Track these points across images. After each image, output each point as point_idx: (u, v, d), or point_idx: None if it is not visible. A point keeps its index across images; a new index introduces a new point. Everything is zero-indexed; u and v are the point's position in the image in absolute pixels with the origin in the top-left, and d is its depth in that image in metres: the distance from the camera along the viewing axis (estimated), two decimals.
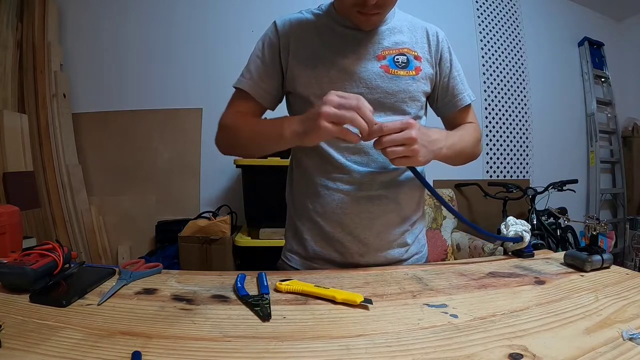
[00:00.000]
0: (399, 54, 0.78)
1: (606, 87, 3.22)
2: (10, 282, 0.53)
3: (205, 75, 2.45)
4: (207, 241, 1.97)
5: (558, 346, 0.40)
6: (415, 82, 0.78)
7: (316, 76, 0.76)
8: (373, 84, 0.76)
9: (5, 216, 0.75)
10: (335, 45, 0.77)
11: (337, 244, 0.78)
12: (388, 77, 0.76)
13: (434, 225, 2.33)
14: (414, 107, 0.79)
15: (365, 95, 0.74)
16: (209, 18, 2.48)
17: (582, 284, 0.60)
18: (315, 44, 0.78)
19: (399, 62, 0.78)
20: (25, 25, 2.13)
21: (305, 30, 0.80)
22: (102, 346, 0.39)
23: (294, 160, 0.87)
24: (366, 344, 0.41)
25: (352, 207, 0.77)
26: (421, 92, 0.80)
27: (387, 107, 0.77)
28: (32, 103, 2.11)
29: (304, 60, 0.77)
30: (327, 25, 0.79)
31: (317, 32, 0.79)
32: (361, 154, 0.77)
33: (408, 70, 0.78)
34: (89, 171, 2.36)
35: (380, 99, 0.76)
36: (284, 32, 0.80)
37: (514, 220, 0.79)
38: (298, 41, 0.79)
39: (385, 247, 0.79)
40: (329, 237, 0.79)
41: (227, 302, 0.53)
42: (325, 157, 0.78)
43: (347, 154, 0.77)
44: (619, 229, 3.16)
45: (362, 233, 0.77)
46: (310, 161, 0.81)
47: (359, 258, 0.78)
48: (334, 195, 0.77)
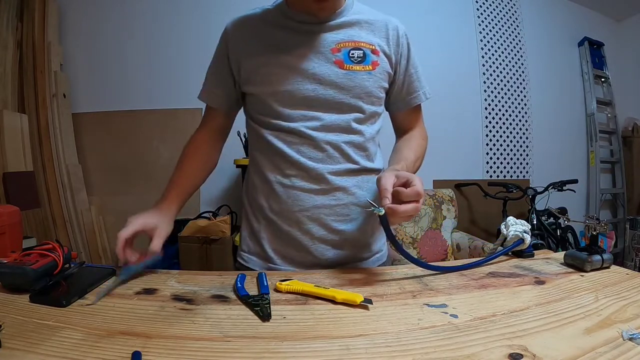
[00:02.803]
0: (354, 47, 0.75)
1: (606, 87, 3.22)
2: (10, 282, 0.53)
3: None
4: (207, 241, 1.97)
5: (558, 346, 0.40)
6: (372, 77, 0.76)
7: (268, 75, 0.75)
8: (327, 80, 0.74)
9: (5, 216, 0.75)
10: (287, 42, 0.76)
11: (294, 242, 0.77)
12: (342, 72, 0.74)
13: (434, 225, 2.33)
14: (370, 104, 0.78)
15: (319, 92, 0.74)
16: (209, 18, 2.47)
17: (582, 284, 0.60)
18: (265, 43, 0.76)
19: (355, 57, 0.75)
20: (25, 25, 2.13)
21: (254, 30, 0.78)
22: (102, 346, 0.39)
23: (250, 158, 0.85)
24: (366, 344, 0.41)
25: (308, 204, 0.75)
26: (378, 88, 0.78)
27: (343, 104, 0.75)
28: (32, 103, 2.11)
29: (255, 60, 0.76)
30: (278, 21, 0.78)
31: (268, 30, 0.78)
32: (315, 150, 0.75)
33: (364, 65, 0.75)
34: (89, 171, 2.36)
35: (334, 95, 0.74)
36: (232, 35, 0.79)
37: (514, 220, 0.79)
38: (246, 42, 0.78)
39: (346, 244, 0.78)
40: (285, 236, 0.77)
41: (227, 302, 0.53)
42: (279, 153, 0.76)
43: (302, 151, 0.75)
44: (619, 229, 3.16)
45: (319, 231, 0.76)
46: (265, 158, 0.79)
47: (318, 256, 0.77)
48: (289, 192, 0.76)
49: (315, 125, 0.74)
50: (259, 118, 0.80)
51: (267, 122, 0.77)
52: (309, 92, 0.74)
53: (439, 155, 2.46)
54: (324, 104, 0.75)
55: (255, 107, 0.80)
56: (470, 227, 2.71)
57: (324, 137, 0.75)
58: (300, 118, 0.75)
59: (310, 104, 0.75)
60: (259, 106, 0.79)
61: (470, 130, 2.80)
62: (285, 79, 0.74)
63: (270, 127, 0.77)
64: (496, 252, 0.76)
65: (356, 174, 0.78)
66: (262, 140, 0.79)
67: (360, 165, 0.78)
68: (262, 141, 0.79)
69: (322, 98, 0.74)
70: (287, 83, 0.74)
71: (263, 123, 0.79)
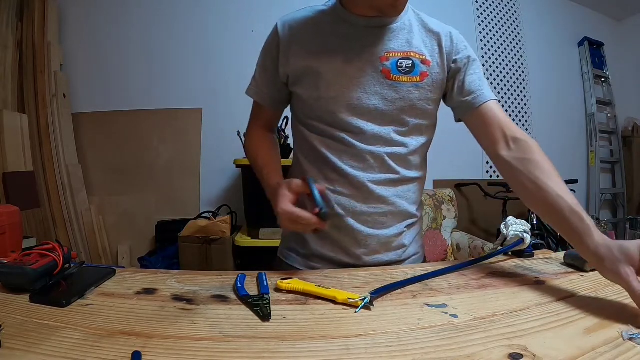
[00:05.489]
0: (404, 57, 0.74)
1: (606, 87, 3.22)
2: (10, 282, 0.53)
3: (205, 75, 2.45)
4: (207, 241, 1.96)
5: (558, 346, 0.40)
6: (419, 89, 0.74)
7: (314, 79, 0.75)
8: (371, 90, 0.73)
9: (5, 216, 0.75)
10: (336, 46, 0.74)
11: (335, 244, 0.78)
12: (388, 83, 0.73)
13: (434, 225, 2.33)
14: (413, 117, 0.76)
15: (362, 101, 0.73)
16: (209, 18, 2.47)
17: (582, 284, 0.60)
18: (316, 45, 0.75)
19: (403, 67, 0.73)
20: (25, 25, 2.13)
21: (305, 32, 0.77)
22: (102, 346, 0.39)
23: (295, 161, 0.87)
24: (366, 344, 0.41)
25: (348, 209, 0.76)
26: (425, 100, 0.75)
27: (386, 115, 0.74)
28: (32, 103, 2.11)
29: (303, 63, 0.76)
30: (330, 24, 0.76)
31: (320, 32, 0.76)
32: (357, 159, 0.75)
33: (412, 75, 0.73)
34: (89, 171, 2.36)
35: (377, 106, 0.74)
36: (284, 35, 0.78)
37: (514, 220, 0.79)
38: (299, 42, 0.76)
39: (383, 248, 0.78)
40: (327, 237, 0.78)
41: (227, 302, 0.53)
42: (322, 158, 0.77)
43: (344, 158, 0.75)
44: (619, 229, 3.16)
45: (360, 235, 0.77)
46: (309, 163, 0.80)
47: (356, 259, 0.78)
48: (331, 196, 0.77)
49: (357, 134, 0.74)
50: (304, 120, 0.80)
51: (312, 125, 0.78)
52: (353, 100, 0.73)
53: (439, 155, 2.45)
54: (367, 114, 0.74)
55: (302, 109, 0.80)
56: (470, 227, 2.71)
57: (366, 147, 0.74)
58: (343, 126, 0.75)
59: (354, 113, 0.74)
60: (306, 109, 0.79)
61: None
62: (331, 85, 0.74)
63: (315, 131, 0.78)
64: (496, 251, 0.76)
65: (396, 184, 0.77)
66: (307, 143, 0.79)
67: (401, 175, 0.77)
68: (307, 144, 0.79)
69: (364, 107, 0.74)
70: (332, 90, 0.74)
71: (308, 126, 0.79)
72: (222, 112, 2.40)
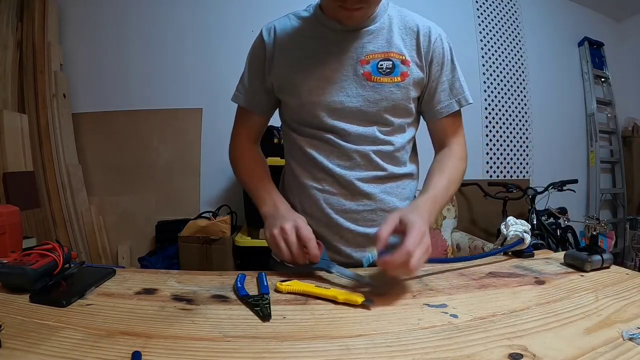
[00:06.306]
0: (384, 58, 0.75)
1: (606, 87, 3.22)
2: (10, 282, 0.53)
3: (205, 75, 2.45)
4: (207, 241, 1.96)
5: (558, 346, 0.40)
6: (400, 89, 0.75)
7: (296, 86, 0.76)
8: (353, 92, 0.75)
9: (5, 216, 0.75)
10: (317, 52, 0.76)
11: (324, 242, 0.78)
12: (369, 85, 0.74)
13: (433, 225, 2.32)
14: (396, 116, 0.78)
15: (345, 104, 0.75)
16: (209, 18, 2.47)
17: (582, 284, 0.60)
18: (297, 52, 0.77)
19: (383, 68, 0.74)
20: (25, 25, 2.12)
21: (288, 39, 0.79)
22: (102, 346, 0.39)
23: (286, 163, 0.88)
24: (366, 344, 0.41)
25: (337, 208, 0.78)
26: (407, 99, 0.77)
27: (369, 115, 0.76)
28: (32, 103, 2.10)
29: (287, 70, 0.78)
30: (310, 30, 0.78)
31: (300, 39, 0.78)
32: (344, 158, 0.77)
33: (392, 76, 0.75)
34: (89, 171, 2.36)
35: (361, 107, 0.75)
36: (269, 42, 0.79)
37: (514, 220, 0.79)
38: (281, 50, 0.78)
39: (370, 247, 0.78)
40: (317, 236, 0.78)
41: (227, 302, 0.53)
42: (310, 159, 0.79)
43: (332, 158, 0.77)
44: (619, 229, 3.16)
45: (347, 233, 0.78)
46: (298, 164, 0.82)
47: (347, 257, 0.79)
48: (320, 195, 0.78)
49: (342, 135, 0.76)
50: (292, 124, 0.83)
51: (300, 129, 0.80)
52: (336, 104, 0.75)
53: None
54: (350, 115, 0.76)
55: (289, 114, 0.83)
56: (470, 227, 2.71)
57: (352, 147, 0.76)
58: (328, 128, 0.77)
59: (337, 115, 0.76)
60: (292, 114, 0.81)
61: (470, 130, 2.77)
62: (312, 90, 0.75)
63: (302, 134, 0.80)
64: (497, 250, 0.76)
65: (384, 180, 0.79)
66: (295, 146, 0.82)
67: (388, 171, 0.79)
68: (295, 146, 0.82)
69: (347, 109, 0.75)
70: (314, 94, 0.75)
71: (296, 129, 0.81)
72: (222, 112, 2.38)
